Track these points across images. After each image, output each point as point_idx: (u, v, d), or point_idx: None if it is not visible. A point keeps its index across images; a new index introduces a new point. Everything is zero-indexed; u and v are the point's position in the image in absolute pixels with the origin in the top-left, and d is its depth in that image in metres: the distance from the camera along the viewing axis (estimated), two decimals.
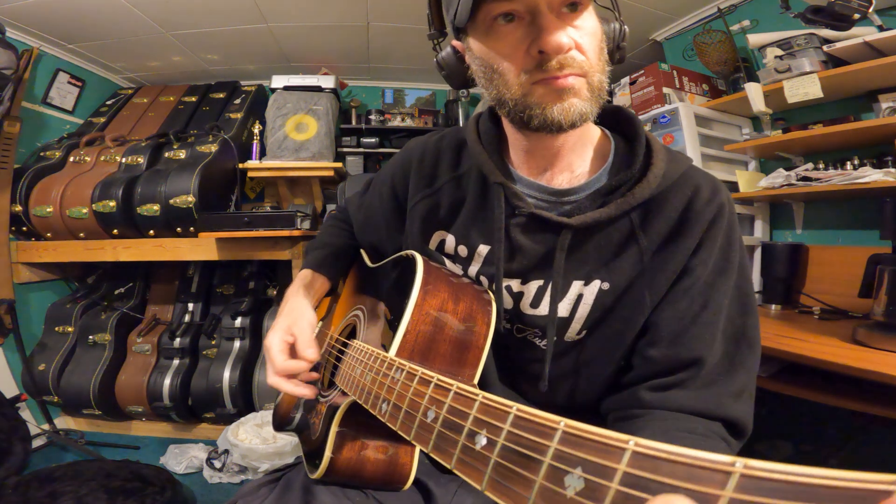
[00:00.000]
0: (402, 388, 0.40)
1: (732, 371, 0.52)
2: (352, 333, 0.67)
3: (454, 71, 0.59)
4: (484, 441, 0.28)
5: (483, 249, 0.61)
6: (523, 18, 0.47)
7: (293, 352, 0.62)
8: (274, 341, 0.62)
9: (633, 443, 0.21)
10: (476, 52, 0.52)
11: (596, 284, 0.56)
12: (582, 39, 0.47)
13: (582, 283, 0.57)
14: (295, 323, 0.64)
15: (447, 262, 0.64)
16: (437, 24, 0.62)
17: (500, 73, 0.50)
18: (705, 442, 0.47)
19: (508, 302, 0.60)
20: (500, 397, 0.30)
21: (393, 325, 0.59)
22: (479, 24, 0.49)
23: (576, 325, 0.58)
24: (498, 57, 0.49)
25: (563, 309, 0.57)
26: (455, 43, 0.58)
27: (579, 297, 0.57)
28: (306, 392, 0.59)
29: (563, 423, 0.24)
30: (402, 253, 0.62)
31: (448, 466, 0.30)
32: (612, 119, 0.59)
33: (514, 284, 0.60)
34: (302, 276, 0.75)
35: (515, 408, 0.27)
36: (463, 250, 0.63)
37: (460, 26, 0.50)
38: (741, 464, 0.17)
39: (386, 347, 0.52)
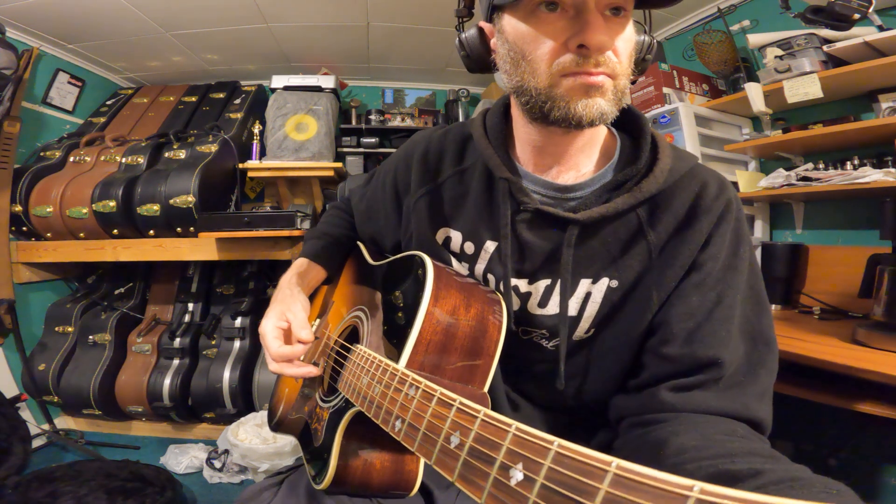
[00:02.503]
0: (419, 407, 0.38)
1: (755, 371, 0.51)
2: (352, 335, 0.66)
3: (476, 53, 0.58)
4: (520, 476, 0.26)
5: (490, 246, 0.60)
6: (567, 11, 0.47)
7: (289, 338, 0.62)
8: (268, 328, 0.62)
9: (697, 489, 0.19)
10: (509, 35, 0.51)
11: (604, 282, 0.56)
12: (619, 43, 0.48)
13: (590, 280, 0.56)
14: (288, 308, 0.63)
15: (453, 260, 0.64)
16: (466, 1, 0.61)
17: (529, 61, 0.49)
18: (746, 444, 0.46)
19: (516, 303, 0.60)
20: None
21: (389, 330, 0.58)
22: (521, 6, 0.49)
23: (584, 324, 0.57)
24: (533, 43, 0.49)
25: (572, 307, 0.57)
26: (483, 24, 0.57)
27: (588, 295, 0.56)
28: (311, 370, 0.60)
29: (614, 463, 0.22)
30: (410, 253, 0.61)
31: (478, 501, 0.28)
32: (620, 117, 0.59)
33: (522, 285, 0.59)
34: (297, 264, 0.75)
35: (556, 443, 0.25)
36: (469, 247, 0.62)
37: (500, 4, 0.50)
38: None
39: (392, 355, 0.51)
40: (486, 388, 0.51)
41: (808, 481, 0.37)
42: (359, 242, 0.82)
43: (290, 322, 0.62)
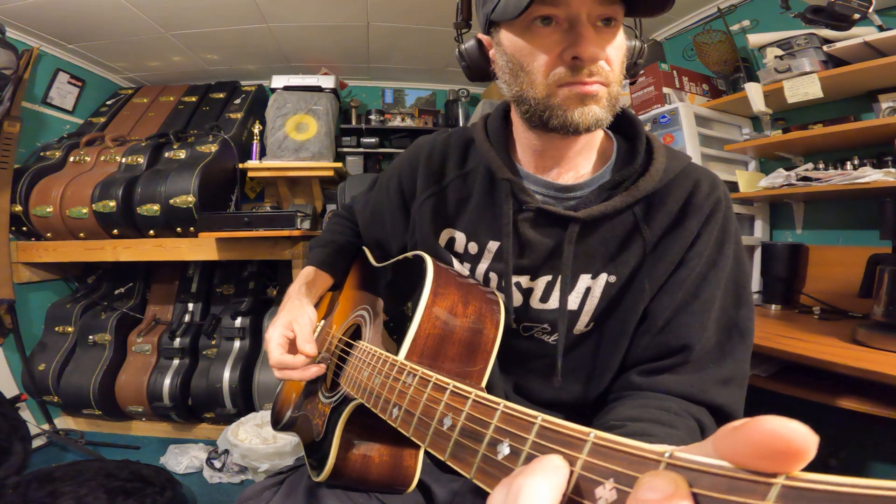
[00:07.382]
0: (415, 393, 0.39)
1: (721, 359, 0.54)
2: (355, 334, 0.66)
3: (475, 63, 0.61)
4: (507, 450, 0.27)
5: (493, 246, 0.62)
6: (561, 24, 0.49)
7: (292, 347, 0.64)
8: (273, 335, 0.64)
9: (668, 454, 0.20)
10: (507, 48, 0.53)
11: (603, 278, 0.58)
12: (611, 52, 0.51)
13: (589, 276, 0.58)
14: (295, 319, 0.65)
15: (455, 261, 0.65)
16: (464, 15, 0.63)
17: (527, 72, 0.52)
18: (677, 420, 0.48)
19: (518, 299, 0.61)
20: (515, 404, 0.30)
21: (390, 326, 0.58)
22: (517, 21, 0.51)
23: (584, 318, 0.59)
24: (530, 56, 0.51)
25: (572, 302, 0.59)
26: (481, 36, 0.60)
27: (587, 290, 0.59)
28: (314, 371, 0.62)
29: (592, 434, 0.23)
30: (411, 253, 0.62)
31: (467, 476, 0.30)
32: (615, 120, 0.60)
33: (524, 281, 0.61)
34: (304, 273, 0.76)
35: (541, 418, 0.26)
36: (473, 247, 0.64)
37: (499, 20, 0.52)
38: (783, 475, 0.17)
39: (392, 350, 0.51)
40: (483, 384, 0.52)
41: (648, 438, 0.42)
42: (363, 246, 0.83)
43: (295, 333, 0.64)
